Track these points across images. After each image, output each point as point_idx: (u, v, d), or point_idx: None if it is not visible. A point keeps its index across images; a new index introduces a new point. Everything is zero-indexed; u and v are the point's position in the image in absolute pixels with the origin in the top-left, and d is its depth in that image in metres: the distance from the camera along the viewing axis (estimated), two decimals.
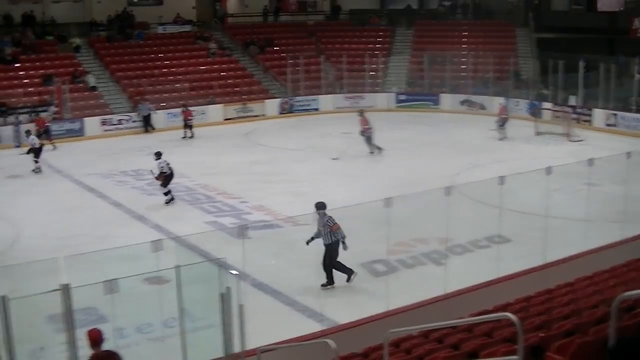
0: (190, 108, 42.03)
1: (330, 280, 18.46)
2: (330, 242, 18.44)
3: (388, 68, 51.60)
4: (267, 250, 20.96)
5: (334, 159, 32.75)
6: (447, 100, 47.58)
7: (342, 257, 18.94)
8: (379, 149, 33.98)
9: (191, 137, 40.45)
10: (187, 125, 40.77)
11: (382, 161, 32.86)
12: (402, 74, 50.94)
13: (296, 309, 17.40)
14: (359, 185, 28.68)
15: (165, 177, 27.07)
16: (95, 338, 10.35)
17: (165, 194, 27.21)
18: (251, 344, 12.54)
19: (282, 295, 18.20)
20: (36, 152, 32.73)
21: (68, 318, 11.20)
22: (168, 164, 27.21)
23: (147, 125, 42.42)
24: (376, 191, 25.25)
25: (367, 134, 33.69)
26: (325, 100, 48.56)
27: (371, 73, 49.99)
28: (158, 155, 27.33)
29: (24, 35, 47.41)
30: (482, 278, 17.00)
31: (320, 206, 18.80)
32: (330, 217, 18.49)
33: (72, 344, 10.78)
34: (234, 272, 12.10)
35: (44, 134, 37.76)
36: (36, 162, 32.63)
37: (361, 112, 34.00)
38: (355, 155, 33.24)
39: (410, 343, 11.80)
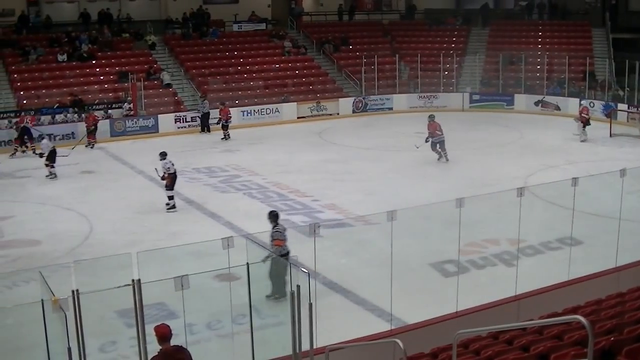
0: (228, 106, 41.83)
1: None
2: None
3: (462, 68, 51.26)
4: (338, 249, 20.94)
5: (417, 147, 32.47)
6: (522, 100, 47.04)
7: (412, 254, 18.88)
8: (447, 159, 33.00)
9: (226, 138, 39.84)
10: (223, 126, 40.15)
11: (455, 161, 32.59)
12: (476, 73, 50.55)
13: (365, 308, 17.34)
14: (431, 185, 28.52)
15: (172, 178, 26.73)
16: (164, 333, 10.39)
17: (170, 197, 26.67)
18: (320, 343, 12.51)
19: (351, 294, 18.16)
20: (51, 156, 31.75)
21: (138, 313, 11.27)
22: (173, 164, 26.95)
23: (204, 124, 42.05)
24: (448, 191, 25.11)
25: (437, 139, 33.02)
26: (399, 100, 48.37)
27: (445, 73, 49.62)
28: (163, 155, 27.09)
29: (101, 32, 47.99)
30: (553, 280, 16.79)
31: (271, 216, 18.39)
32: (277, 230, 17.90)
33: (141, 339, 10.83)
34: (304, 270, 12.06)
35: (93, 132, 38.20)
36: (52, 167, 31.65)
37: (432, 117, 33.35)
38: (427, 155, 33.02)
39: (479, 344, 11.69)
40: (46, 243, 22.83)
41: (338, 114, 46.32)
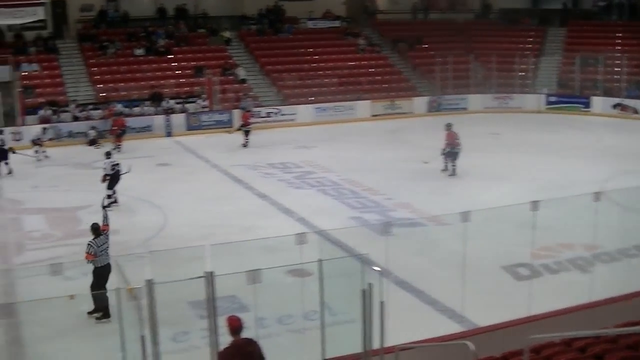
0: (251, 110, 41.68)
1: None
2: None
3: (538, 69, 50.71)
4: (410, 248, 20.86)
5: (425, 162, 31.36)
6: (599, 103, 46.32)
7: (485, 256, 18.82)
8: (454, 172, 30.81)
9: (245, 145, 37.68)
10: (245, 131, 37.75)
11: (530, 163, 32.28)
12: (552, 75, 50.01)
13: (436, 308, 17.26)
14: (505, 186, 28.26)
15: (111, 178, 26.42)
16: (236, 326, 10.45)
17: (109, 196, 25.76)
18: (390, 342, 12.49)
19: (423, 294, 18.09)
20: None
21: (210, 305, 11.36)
22: (117, 164, 26.76)
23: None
24: (523, 193, 24.91)
25: (455, 149, 30.98)
26: (474, 100, 48.10)
27: (521, 73, 49.17)
28: (108, 154, 27.11)
29: (177, 27, 48.61)
30: (629, 288, 16.53)
31: (92, 228, 17.53)
32: (90, 244, 17.08)
33: (213, 330, 10.91)
34: (376, 268, 12.06)
35: (122, 134, 37.93)
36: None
37: (449, 126, 32.21)
38: (502, 157, 32.78)
39: (551, 350, 11.56)
40: (122, 233, 23.05)
41: (412, 113, 46.23)
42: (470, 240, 14.95)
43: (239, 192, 28.30)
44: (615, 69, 47.89)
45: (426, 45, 53.00)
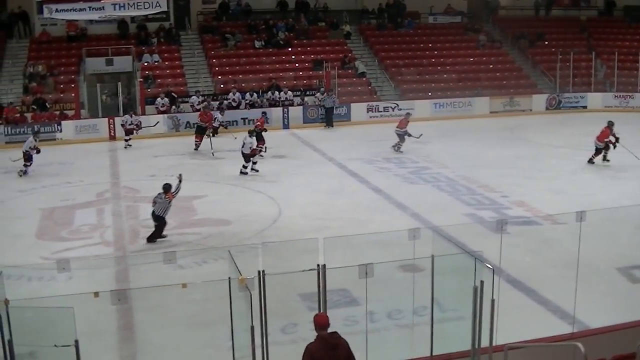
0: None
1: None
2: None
3: None
4: (524, 247, 20.64)
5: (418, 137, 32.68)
6: None
7: (599, 257, 18.59)
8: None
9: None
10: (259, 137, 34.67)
11: None
12: None
13: (547, 308, 17.03)
14: (623, 186, 27.74)
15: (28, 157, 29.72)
16: (322, 322, 10.41)
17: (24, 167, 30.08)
18: (499, 340, 12.40)
19: (535, 294, 17.88)
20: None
21: (321, 297, 11.45)
22: (33, 147, 29.96)
23: (328, 119, 41.39)
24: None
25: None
26: (594, 98, 47.17)
27: None
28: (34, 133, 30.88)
29: (297, 20, 48.89)
30: None
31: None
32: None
33: None
34: (489, 266, 11.99)
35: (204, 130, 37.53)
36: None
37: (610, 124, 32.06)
38: (621, 157, 32.20)
39: None
40: (236, 223, 23.41)
41: (531, 110, 45.66)
42: (585, 241, 14.70)
43: (353, 185, 28.36)
44: None
45: (547, 42, 52.27)
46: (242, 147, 29.43)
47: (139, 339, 15.73)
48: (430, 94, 45.13)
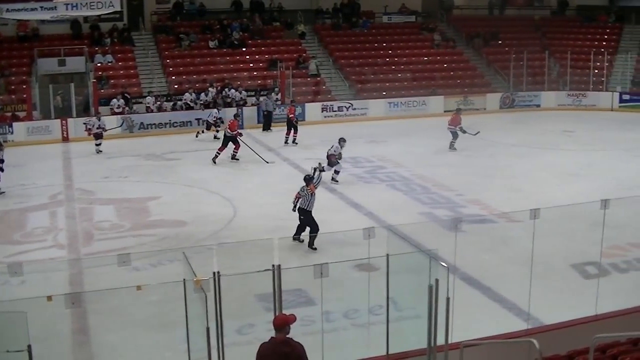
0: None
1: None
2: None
3: (613, 66, 49.99)
4: (479, 245, 20.75)
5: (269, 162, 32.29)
6: None
7: (554, 254, 18.76)
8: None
9: (294, 142, 37.08)
10: (291, 126, 37.23)
11: (603, 162, 31.92)
12: (627, 73, 49.22)
13: (503, 305, 17.13)
14: (578, 184, 27.96)
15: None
16: (278, 323, 10.31)
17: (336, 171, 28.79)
18: (455, 338, 12.44)
19: (490, 291, 17.98)
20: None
21: (277, 298, 11.42)
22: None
23: (267, 122, 40.52)
24: (595, 192, 24.63)
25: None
26: (548, 97, 47.64)
27: (595, 71, 48.55)
28: (342, 140, 28.79)
29: (252, 20, 48.83)
30: None
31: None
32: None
33: None
34: (444, 264, 12.02)
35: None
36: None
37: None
38: (575, 155, 32.45)
39: (617, 350, 11.43)
40: (191, 225, 23.33)
41: (485, 109, 45.92)
42: (540, 238, 14.79)
43: None
44: None
45: (501, 41, 52.64)
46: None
47: (94, 342, 15.61)
48: (384, 93, 45.27)
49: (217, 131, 36.69)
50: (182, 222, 23.67)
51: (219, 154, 32.10)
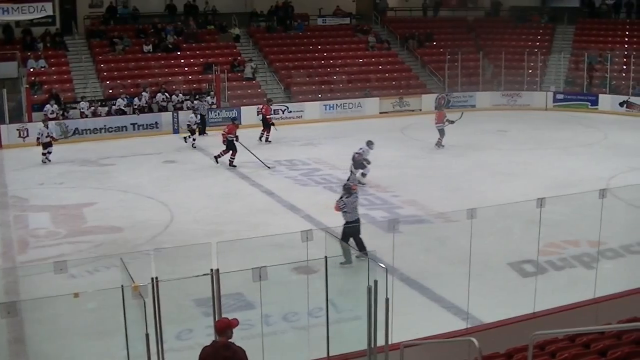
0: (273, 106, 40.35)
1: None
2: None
3: (547, 66, 50.61)
4: (417, 246, 20.87)
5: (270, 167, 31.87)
6: (606, 101, 46.16)
7: (491, 253, 18.94)
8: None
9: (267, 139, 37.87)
10: (266, 125, 37.89)
11: (537, 161, 32.28)
12: (560, 72, 49.83)
13: (442, 305, 17.26)
14: (513, 183, 28.26)
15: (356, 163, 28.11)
16: (219, 326, 10.30)
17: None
18: (395, 338, 12.50)
19: (429, 291, 18.10)
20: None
21: (216, 302, 11.39)
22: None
23: (203, 126, 39.75)
24: (530, 190, 24.93)
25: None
26: (482, 97, 48.07)
27: (529, 71, 49.17)
28: (369, 143, 28.77)
29: (186, 24, 48.60)
30: (633, 284, 16.54)
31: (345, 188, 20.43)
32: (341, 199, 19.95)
33: None
34: (382, 265, 12.07)
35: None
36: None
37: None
38: (511, 154, 32.76)
39: (555, 346, 11.58)
40: (128, 230, 23.18)
41: (421, 110, 46.12)
42: (477, 237, 14.93)
43: (246, 189, 28.34)
44: (623, 67, 47.95)
45: (436, 43, 53.13)
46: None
47: (32, 351, 15.42)
48: (320, 95, 45.28)
49: (194, 138, 36.20)
50: (119, 228, 23.50)
51: (233, 159, 31.98)
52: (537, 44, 52.85)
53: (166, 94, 41.69)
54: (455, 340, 13.48)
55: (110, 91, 41.99)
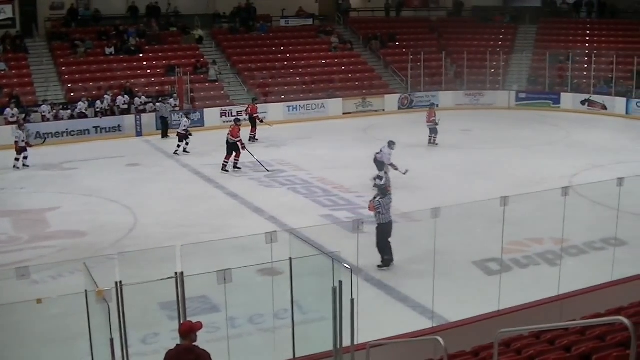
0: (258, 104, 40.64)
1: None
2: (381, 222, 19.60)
3: (509, 66, 50.91)
4: None
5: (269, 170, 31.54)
6: (568, 99, 46.64)
7: (456, 252, 19.00)
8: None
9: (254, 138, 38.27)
10: (253, 124, 38.55)
11: (501, 160, 32.45)
12: (523, 72, 50.19)
13: (407, 305, 17.31)
14: (477, 182, 28.41)
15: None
16: (182, 329, 10.29)
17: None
18: (361, 339, 12.52)
19: (394, 291, 18.15)
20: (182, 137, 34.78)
21: (181, 306, 11.34)
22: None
23: (165, 129, 39.83)
24: (494, 189, 25.00)
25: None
26: (445, 97, 48.24)
27: (492, 70, 49.44)
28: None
29: (149, 26, 48.42)
30: (596, 280, 16.67)
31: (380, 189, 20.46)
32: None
33: None
34: (347, 266, 12.07)
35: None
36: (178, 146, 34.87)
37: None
38: (474, 153, 32.88)
39: (521, 343, 11.62)
40: (91, 234, 23.05)
41: (384, 110, 46.32)
42: (441, 237, 14.99)
43: (210, 191, 28.26)
44: (584, 66, 48.36)
45: (399, 43, 53.28)
46: None
47: None
48: (283, 97, 45.20)
49: (187, 143, 35.43)
50: (82, 232, 23.36)
51: (227, 163, 31.39)
52: (500, 43, 53.19)
53: (126, 96, 41.39)
54: (421, 340, 13.52)
55: (72, 94, 41.67)
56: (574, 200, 18.79)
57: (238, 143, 31.25)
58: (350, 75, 49.24)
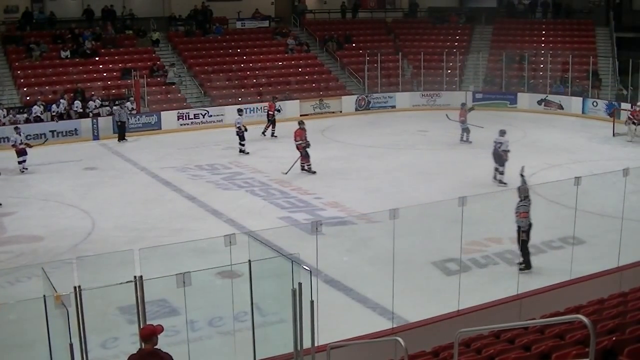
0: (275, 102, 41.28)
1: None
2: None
3: (465, 66, 51.25)
4: (340, 247, 20.96)
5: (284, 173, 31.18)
6: (525, 99, 47.02)
7: (415, 252, 19.04)
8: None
9: (273, 134, 39.65)
10: (270, 121, 40.01)
11: (458, 160, 32.60)
12: (479, 72, 50.45)
13: (367, 306, 17.37)
14: (434, 183, 28.53)
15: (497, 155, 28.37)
16: (143, 333, 10.29)
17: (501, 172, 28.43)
18: (321, 340, 12.54)
19: (353, 292, 18.19)
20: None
21: (140, 310, 11.30)
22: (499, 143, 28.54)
23: (121, 132, 39.43)
24: (451, 189, 25.17)
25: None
26: (402, 98, 48.40)
27: (448, 71, 49.67)
28: (502, 133, 29.02)
29: (104, 29, 48.11)
30: (555, 279, 16.82)
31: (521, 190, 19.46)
32: (523, 204, 19.02)
33: None
34: (306, 267, 12.08)
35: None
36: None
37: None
38: (431, 153, 32.99)
39: (480, 343, 11.71)
40: (49, 239, 22.88)
41: (341, 111, 46.38)
42: (400, 237, 15.02)
43: (167, 194, 28.15)
44: (540, 66, 48.72)
45: (355, 44, 53.37)
46: None
47: None
48: (240, 99, 45.05)
49: (24, 161, 33.82)
50: (39, 237, 23.19)
51: (309, 165, 31.23)
52: (456, 44, 53.48)
53: (80, 99, 41.04)
54: (381, 340, 13.56)
55: (28, 98, 41.35)
56: (532, 199, 18.97)
57: (299, 145, 31.18)
58: (307, 77, 49.25)
